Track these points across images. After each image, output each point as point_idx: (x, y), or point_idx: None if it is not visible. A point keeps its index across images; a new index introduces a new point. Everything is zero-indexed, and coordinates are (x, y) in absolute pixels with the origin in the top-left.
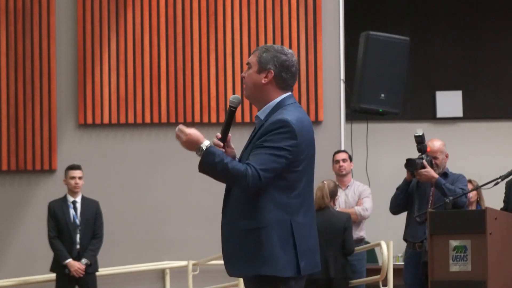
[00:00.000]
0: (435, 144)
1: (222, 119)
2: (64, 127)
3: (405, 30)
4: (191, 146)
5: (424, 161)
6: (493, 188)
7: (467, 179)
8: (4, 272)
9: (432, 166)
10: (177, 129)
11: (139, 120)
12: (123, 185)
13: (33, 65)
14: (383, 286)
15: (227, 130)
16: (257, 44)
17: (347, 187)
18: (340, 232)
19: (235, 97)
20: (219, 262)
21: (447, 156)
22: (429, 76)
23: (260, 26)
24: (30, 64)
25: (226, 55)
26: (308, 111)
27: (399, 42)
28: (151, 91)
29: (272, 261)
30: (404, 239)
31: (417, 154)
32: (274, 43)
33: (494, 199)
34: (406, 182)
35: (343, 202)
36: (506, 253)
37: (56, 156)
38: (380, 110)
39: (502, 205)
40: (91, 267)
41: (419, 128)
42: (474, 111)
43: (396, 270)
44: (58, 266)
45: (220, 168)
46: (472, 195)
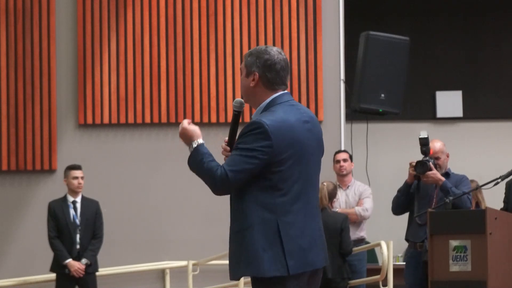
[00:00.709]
0: (436, 145)
1: (222, 119)
2: (64, 127)
3: (405, 30)
4: (185, 140)
5: (431, 163)
6: (493, 188)
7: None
8: (4, 272)
9: (436, 168)
10: (182, 122)
11: (139, 120)
12: (123, 185)
13: (33, 65)
14: (383, 286)
15: (234, 134)
16: (257, 44)
17: (348, 187)
18: (337, 233)
19: (238, 100)
20: (219, 262)
21: (448, 156)
22: (429, 76)
23: (260, 26)
24: (30, 64)
25: (226, 55)
26: None
27: (399, 42)
28: (151, 91)
29: (255, 262)
30: (406, 239)
31: (418, 154)
32: (274, 43)
33: (494, 199)
34: (407, 185)
35: (343, 202)
36: (506, 253)
37: (56, 156)
38: (380, 110)
39: (502, 205)
40: (91, 267)
41: (424, 130)
42: (474, 111)
43: (396, 270)
44: (58, 266)
45: (199, 166)
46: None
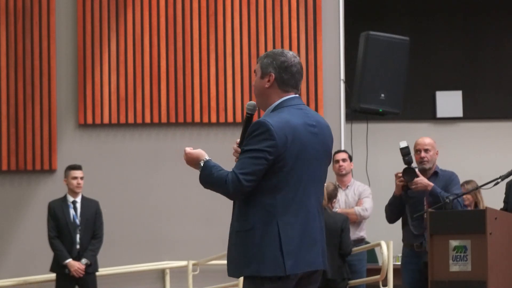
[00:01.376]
0: (426, 139)
1: (222, 119)
2: (64, 127)
3: (405, 30)
4: (192, 164)
5: (417, 170)
6: (493, 188)
7: (467, 179)
8: (4, 272)
9: (424, 162)
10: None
11: (139, 120)
12: (123, 185)
13: (33, 65)
14: (383, 286)
15: (243, 135)
16: (257, 44)
17: (347, 187)
18: (337, 233)
19: (252, 103)
20: (219, 262)
21: (437, 153)
22: (429, 76)
23: (260, 26)
24: (30, 64)
25: (226, 55)
26: None
27: (399, 42)
28: (151, 91)
29: (255, 262)
30: (402, 240)
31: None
32: (274, 43)
33: (494, 199)
34: (396, 197)
35: (343, 202)
36: (506, 253)
37: (56, 156)
38: (380, 110)
39: (502, 205)
40: (91, 267)
41: (403, 141)
42: (474, 111)
43: (396, 270)
44: (58, 266)
45: (209, 179)
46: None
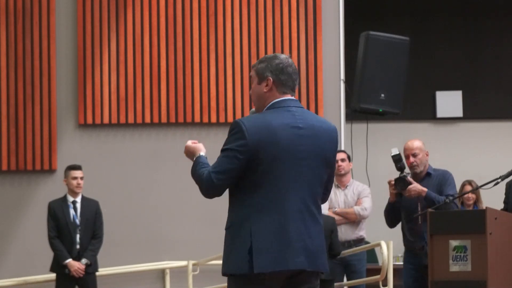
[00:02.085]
0: (414, 142)
1: (222, 119)
2: (64, 127)
3: (405, 30)
4: (188, 156)
5: (409, 177)
6: (493, 188)
7: (467, 179)
8: (4, 272)
9: (414, 167)
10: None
11: (139, 120)
12: (123, 185)
13: (33, 65)
14: (383, 286)
15: None
16: (257, 44)
17: (346, 187)
18: (327, 235)
19: (253, 111)
20: (219, 262)
21: (427, 154)
22: (429, 76)
23: (260, 26)
24: (30, 64)
25: (226, 55)
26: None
27: (399, 42)
28: (151, 91)
29: (227, 260)
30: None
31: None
32: (274, 43)
33: (494, 199)
34: (391, 204)
35: (342, 202)
36: (506, 253)
37: (56, 156)
38: (380, 110)
39: (502, 205)
40: (91, 267)
41: (394, 148)
42: (474, 111)
43: (396, 270)
44: (58, 266)
45: (193, 175)
46: (472, 197)
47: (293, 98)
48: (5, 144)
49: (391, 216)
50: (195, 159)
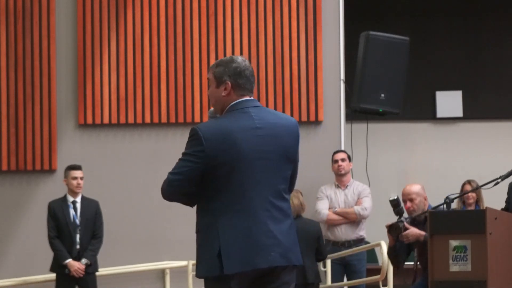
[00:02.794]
0: (412, 187)
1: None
2: (64, 127)
3: (405, 30)
4: None
5: (405, 223)
6: (493, 188)
7: (465, 180)
8: (4, 272)
9: (411, 212)
10: None
11: (139, 120)
12: (123, 185)
13: (33, 65)
14: (383, 286)
15: None
16: (257, 44)
17: (347, 187)
18: (314, 239)
19: (212, 111)
20: None
21: (426, 199)
22: (429, 76)
23: (260, 26)
24: (30, 64)
25: (226, 55)
26: (308, 111)
27: (399, 42)
28: (151, 91)
29: (199, 263)
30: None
31: (417, 154)
32: (274, 43)
33: (494, 199)
34: (392, 248)
35: (342, 202)
36: (506, 253)
37: (56, 156)
38: (380, 110)
39: (502, 205)
40: (91, 267)
41: (393, 193)
42: (474, 111)
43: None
44: (58, 266)
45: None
46: (472, 196)
47: (251, 98)
48: (5, 144)
49: (393, 259)
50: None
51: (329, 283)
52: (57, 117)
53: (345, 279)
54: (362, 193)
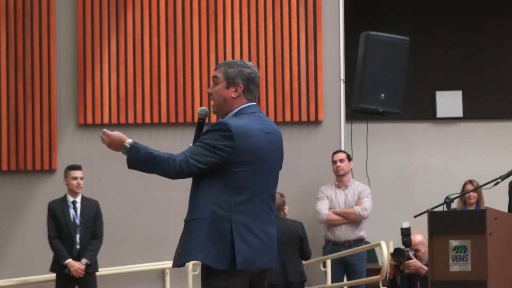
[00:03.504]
0: (416, 237)
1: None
2: (64, 127)
3: (405, 30)
4: (115, 146)
5: (410, 253)
6: (493, 188)
7: (466, 180)
8: (4, 272)
9: (416, 258)
10: (101, 133)
11: (139, 120)
12: (123, 185)
13: (33, 65)
14: (383, 286)
15: (197, 139)
16: (257, 44)
17: (347, 187)
18: (296, 239)
19: (203, 109)
20: None
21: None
22: (429, 76)
23: (260, 26)
24: (30, 64)
25: (226, 55)
26: (308, 111)
27: (399, 42)
28: (151, 91)
29: (204, 250)
30: None
31: (417, 154)
32: (274, 43)
33: (494, 199)
34: (391, 280)
35: (342, 202)
36: (506, 253)
37: (56, 156)
38: (380, 110)
39: (502, 204)
40: (91, 267)
41: (406, 222)
42: (474, 111)
43: None
44: (58, 266)
45: (146, 158)
46: (473, 195)
47: (255, 104)
48: (5, 144)
49: None
50: (130, 144)
51: (329, 283)
52: (57, 117)
53: (345, 279)
54: (362, 193)
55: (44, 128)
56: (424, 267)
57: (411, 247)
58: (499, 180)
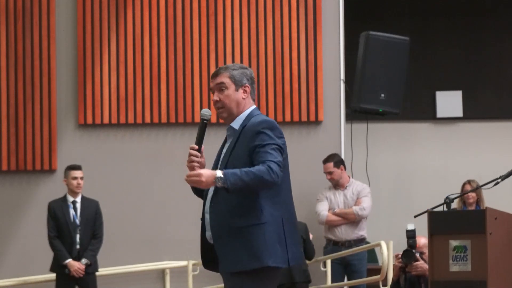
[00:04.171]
0: (421, 240)
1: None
2: (64, 127)
3: (405, 30)
4: (210, 182)
5: (417, 255)
6: (493, 188)
7: (466, 180)
8: (4, 272)
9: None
10: (188, 179)
11: (139, 120)
12: (123, 185)
13: (33, 65)
14: (383, 286)
15: (202, 141)
16: (257, 44)
17: (346, 188)
18: (301, 239)
19: (208, 110)
20: None
21: None
22: (429, 76)
23: (260, 26)
24: (30, 64)
25: (226, 55)
26: (308, 111)
27: (399, 42)
28: (151, 91)
29: (275, 253)
30: None
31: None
32: (274, 43)
33: (494, 199)
34: (395, 283)
35: (341, 202)
36: (506, 253)
37: (56, 156)
38: (380, 110)
39: (502, 205)
40: (91, 267)
41: (411, 223)
42: (474, 111)
43: None
44: (58, 266)
45: (247, 178)
46: (472, 196)
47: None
48: (5, 144)
49: None
50: (222, 173)
51: (329, 283)
52: (57, 117)
53: (345, 279)
54: (361, 192)
55: (44, 128)
56: None
57: (416, 249)
58: (499, 180)
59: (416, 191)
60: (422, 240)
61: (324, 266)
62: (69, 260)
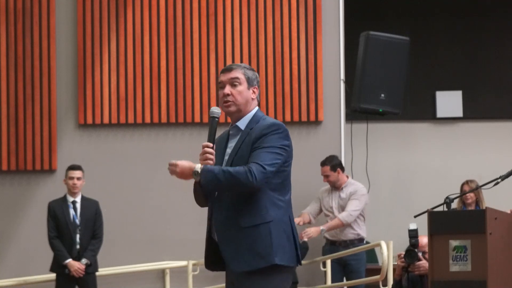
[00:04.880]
0: (423, 239)
1: (222, 119)
2: (64, 127)
3: (405, 30)
4: (186, 174)
5: (420, 255)
6: (493, 188)
7: (466, 179)
8: (4, 272)
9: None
10: (168, 166)
11: (139, 120)
12: (123, 185)
13: (33, 65)
14: (383, 286)
15: (214, 138)
16: (257, 44)
17: (342, 189)
18: None
19: (216, 108)
20: None
21: None
22: (429, 76)
23: (260, 26)
24: (30, 64)
25: (226, 55)
26: (308, 111)
27: (399, 42)
28: (151, 91)
29: (283, 252)
30: None
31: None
32: (274, 43)
33: (494, 199)
34: (397, 282)
35: (336, 203)
36: (506, 253)
37: (56, 156)
38: (380, 110)
39: (502, 205)
40: (91, 267)
41: (413, 223)
42: (474, 111)
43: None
44: (58, 266)
45: (223, 177)
46: (470, 196)
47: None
48: (5, 144)
49: None
50: (201, 168)
51: (328, 283)
52: (57, 117)
53: (344, 279)
54: (352, 195)
55: (44, 128)
56: None
57: (418, 249)
58: (499, 180)
59: (416, 191)
60: (424, 239)
61: (324, 266)
62: (69, 260)
